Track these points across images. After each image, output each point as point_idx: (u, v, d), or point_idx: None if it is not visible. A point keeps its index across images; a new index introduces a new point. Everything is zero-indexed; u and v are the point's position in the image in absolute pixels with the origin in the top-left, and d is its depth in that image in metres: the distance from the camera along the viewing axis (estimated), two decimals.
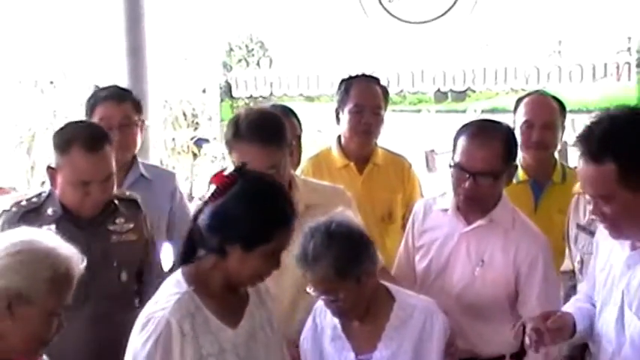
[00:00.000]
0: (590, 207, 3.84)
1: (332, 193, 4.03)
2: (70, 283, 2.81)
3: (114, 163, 3.85)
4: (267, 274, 3.01)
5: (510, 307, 3.87)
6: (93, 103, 4.75)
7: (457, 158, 3.79)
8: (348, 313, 3.34)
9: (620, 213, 2.89)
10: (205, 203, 2.95)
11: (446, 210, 3.93)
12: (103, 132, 3.94)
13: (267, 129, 3.77)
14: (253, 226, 2.90)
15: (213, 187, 2.98)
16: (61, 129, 3.98)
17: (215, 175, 3.02)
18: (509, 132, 3.90)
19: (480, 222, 3.84)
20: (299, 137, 4.66)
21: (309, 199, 3.84)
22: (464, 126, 3.89)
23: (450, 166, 3.82)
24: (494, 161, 3.73)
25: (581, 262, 4.07)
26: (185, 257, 3.03)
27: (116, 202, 3.90)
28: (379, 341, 3.38)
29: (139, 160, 4.83)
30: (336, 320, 3.42)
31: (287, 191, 3.20)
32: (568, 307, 3.45)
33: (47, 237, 2.88)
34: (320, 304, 3.44)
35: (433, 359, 3.40)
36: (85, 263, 2.86)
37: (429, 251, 3.94)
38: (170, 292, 2.95)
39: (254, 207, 2.94)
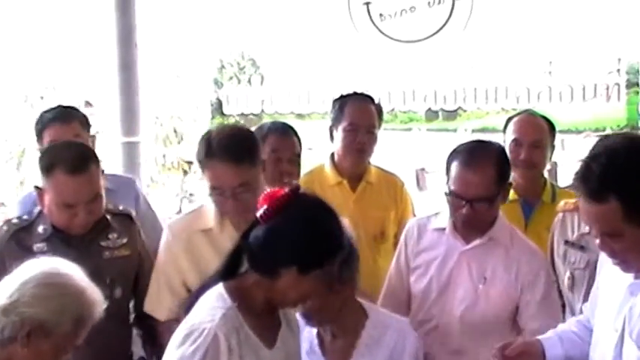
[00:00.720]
0: (577, 223, 3.96)
1: None
2: (88, 326, 2.86)
3: (101, 182, 3.86)
4: (311, 297, 2.96)
5: (512, 324, 3.91)
6: (40, 127, 4.75)
7: (452, 186, 3.82)
8: (315, 317, 3.33)
9: (630, 249, 2.84)
10: (256, 222, 2.89)
11: (443, 229, 3.96)
12: (88, 152, 3.95)
13: (238, 147, 3.76)
14: (314, 250, 2.85)
15: (264, 207, 2.90)
16: (46, 150, 4.03)
17: (268, 196, 2.94)
18: (501, 153, 3.95)
19: (479, 241, 3.88)
20: (299, 155, 4.66)
21: None
22: (455, 150, 3.92)
23: (446, 193, 3.85)
24: (489, 187, 3.78)
25: (572, 277, 4.12)
26: (228, 272, 2.98)
27: (108, 217, 3.90)
28: (351, 357, 3.40)
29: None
30: (314, 334, 3.44)
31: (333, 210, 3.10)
32: (555, 330, 3.50)
33: (79, 275, 2.91)
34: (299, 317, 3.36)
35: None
36: (105, 306, 2.90)
37: (428, 270, 3.95)
38: (213, 305, 2.91)
39: (317, 230, 2.90)
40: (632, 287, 2.95)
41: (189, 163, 11.22)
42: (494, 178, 3.79)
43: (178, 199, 9.89)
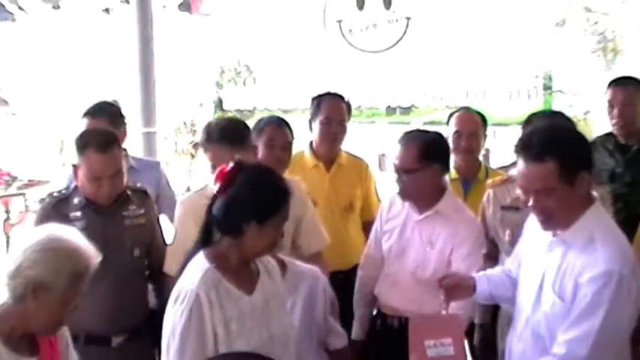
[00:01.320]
0: (508, 192, 3.96)
1: (293, 184, 4.01)
2: (86, 277, 2.82)
3: (122, 163, 3.89)
4: (277, 242, 3.05)
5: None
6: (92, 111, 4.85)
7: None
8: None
9: (557, 204, 2.88)
10: (215, 197, 2.98)
11: (399, 203, 4.04)
12: (112, 137, 3.97)
13: (232, 133, 3.90)
14: (264, 203, 2.93)
15: (218, 184, 2.99)
16: (80, 135, 4.00)
17: (218, 174, 3.02)
18: (431, 139, 3.94)
19: (427, 212, 3.92)
20: (290, 143, 4.71)
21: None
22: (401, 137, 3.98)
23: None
24: (411, 161, 3.82)
25: (512, 234, 4.05)
26: (204, 242, 3.04)
27: (129, 192, 3.96)
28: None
29: (130, 154, 4.84)
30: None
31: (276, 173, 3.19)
32: (485, 272, 3.55)
33: (73, 235, 2.87)
34: None
35: (319, 310, 3.47)
36: (100, 258, 2.86)
37: (392, 236, 4.01)
38: (195, 269, 2.97)
39: (262, 188, 2.98)
40: (551, 245, 3.00)
41: (196, 148, 11.23)
42: (417, 156, 3.81)
43: (188, 176, 9.92)
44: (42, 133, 12.91)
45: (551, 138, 2.92)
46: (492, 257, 4.19)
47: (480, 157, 4.94)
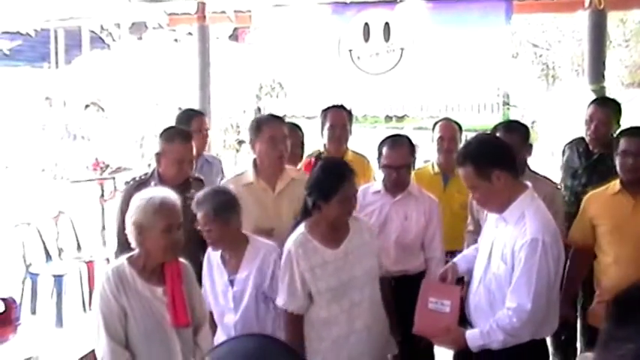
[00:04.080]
0: None
1: (304, 175, 4.00)
2: (167, 210, 2.87)
3: (194, 152, 3.92)
4: (348, 213, 3.23)
5: (421, 243, 3.97)
6: (183, 117, 4.88)
7: (384, 161, 3.89)
8: (214, 243, 3.37)
9: (484, 195, 3.01)
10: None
11: (378, 191, 3.98)
12: (189, 133, 4.01)
13: (280, 120, 3.99)
14: (323, 187, 3.16)
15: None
16: (166, 129, 4.02)
17: (306, 165, 3.51)
18: (409, 139, 4.02)
19: (401, 195, 3.94)
20: (302, 142, 4.64)
21: (295, 174, 3.90)
22: (382, 141, 3.99)
23: (385, 166, 3.91)
24: (405, 157, 3.91)
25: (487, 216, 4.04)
26: (303, 214, 3.28)
27: (190, 180, 3.82)
28: (240, 267, 3.39)
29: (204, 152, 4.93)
30: (219, 255, 3.45)
31: (345, 162, 3.39)
32: (462, 254, 3.54)
33: (159, 191, 2.98)
34: None
35: (269, 277, 3.36)
36: (179, 200, 2.97)
37: (372, 218, 3.89)
38: (295, 233, 3.28)
39: (321, 175, 3.21)
40: (497, 221, 3.07)
41: (240, 144, 11.14)
42: (408, 154, 3.91)
43: (233, 167, 9.85)
44: (127, 132, 12.97)
45: (467, 148, 3.08)
46: (477, 232, 4.02)
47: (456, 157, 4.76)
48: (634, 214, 3.52)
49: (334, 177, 3.17)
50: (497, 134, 3.91)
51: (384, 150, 3.89)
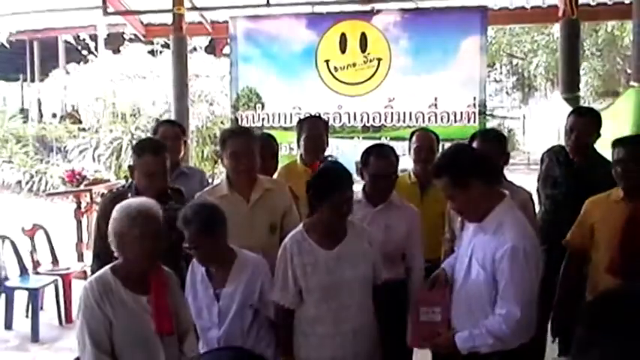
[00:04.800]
0: None
1: (280, 184, 4.09)
2: (143, 218, 2.87)
3: (168, 164, 3.82)
4: (339, 218, 3.26)
5: (403, 249, 3.92)
6: (156, 128, 4.93)
7: (372, 170, 3.82)
8: (205, 260, 3.34)
9: (461, 205, 3.07)
10: None
11: (359, 200, 3.83)
12: (161, 145, 3.91)
13: (244, 134, 3.90)
14: (316, 192, 3.23)
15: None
16: (138, 142, 4.01)
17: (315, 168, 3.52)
18: (394, 148, 3.98)
19: (383, 205, 3.89)
20: (276, 153, 4.64)
21: (269, 185, 3.90)
22: (367, 151, 3.93)
23: (371, 175, 3.83)
24: (393, 167, 3.86)
25: (461, 222, 3.94)
26: (308, 215, 3.35)
27: (169, 191, 3.81)
28: (227, 281, 3.36)
29: (182, 163, 4.92)
30: (203, 269, 3.41)
31: (344, 169, 3.35)
32: (447, 260, 3.52)
33: (138, 200, 3.01)
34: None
35: (257, 290, 3.36)
36: (159, 209, 3.00)
37: None
38: (294, 231, 3.36)
39: (315, 181, 3.27)
40: (475, 231, 3.11)
41: (218, 155, 11.13)
42: (395, 162, 3.88)
43: (212, 178, 9.78)
44: (105, 143, 12.89)
45: (443, 160, 3.14)
46: (453, 240, 4.08)
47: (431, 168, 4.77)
48: (633, 222, 3.54)
49: (327, 182, 3.23)
50: (474, 143, 3.94)
51: (371, 159, 3.83)
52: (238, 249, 3.44)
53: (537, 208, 4.35)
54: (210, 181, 6.66)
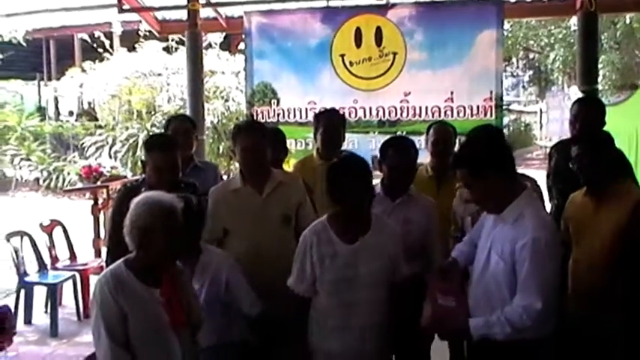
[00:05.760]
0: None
1: (294, 177, 4.16)
2: (173, 215, 2.86)
3: (179, 160, 3.86)
4: (358, 212, 3.29)
5: (422, 242, 3.90)
6: (166, 125, 4.98)
7: (391, 163, 3.80)
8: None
9: (480, 195, 3.07)
10: None
11: (377, 193, 3.80)
12: (171, 141, 3.98)
13: (253, 129, 3.95)
14: (337, 184, 3.25)
15: None
16: (149, 138, 4.08)
17: None
18: (413, 141, 4.02)
19: (401, 198, 3.89)
20: (284, 146, 4.78)
21: (282, 178, 3.96)
22: (387, 144, 3.93)
23: (390, 168, 3.81)
24: (412, 161, 3.87)
25: (472, 220, 4.01)
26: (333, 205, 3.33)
27: (182, 185, 3.83)
28: (194, 276, 3.38)
29: (195, 157, 4.94)
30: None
31: (364, 161, 3.36)
32: (458, 248, 3.58)
33: (166, 196, 2.96)
34: None
35: (223, 285, 3.40)
36: (182, 205, 2.96)
37: None
38: (315, 221, 3.41)
39: (338, 172, 3.30)
40: (495, 222, 3.11)
41: (234, 152, 11.12)
42: (414, 155, 3.88)
43: (225, 176, 9.82)
44: (121, 140, 12.94)
45: (462, 151, 3.24)
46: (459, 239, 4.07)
47: (451, 159, 4.75)
48: (594, 216, 3.60)
49: (351, 171, 3.25)
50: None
51: (390, 152, 3.83)
52: (204, 245, 3.47)
53: (548, 205, 4.33)
54: (225, 176, 6.71)
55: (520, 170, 4.01)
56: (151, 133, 10.63)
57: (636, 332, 3.39)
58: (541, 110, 25.32)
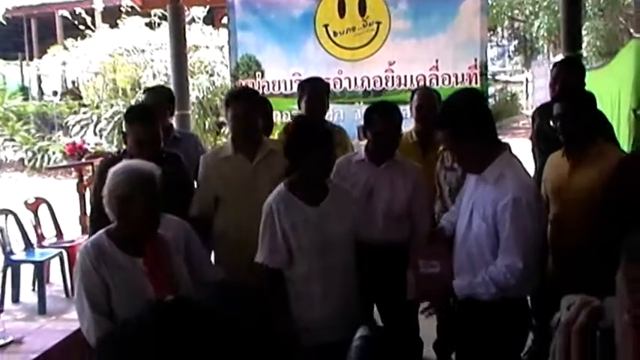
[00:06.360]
0: (449, 156, 3.97)
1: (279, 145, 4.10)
2: (150, 183, 2.84)
3: (160, 131, 3.89)
4: (326, 170, 3.33)
5: (409, 207, 3.90)
6: (144, 95, 5.12)
7: (376, 128, 3.80)
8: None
9: (461, 155, 3.11)
10: None
11: (362, 160, 3.90)
12: (150, 113, 3.97)
13: (246, 96, 4.01)
14: (292, 149, 3.28)
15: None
16: (128, 110, 4.14)
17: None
18: (397, 106, 4.03)
19: (386, 163, 3.89)
20: (270, 116, 4.88)
21: (273, 146, 3.96)
22: (370, 110, 3.95)
23: (375, 134, 3.79)
24: (396, 127, 3.86)
25: (449, 189, 4.09)
26: (287, 173, 3.36)
27: (164, 155, 3.82)
28: None
29: (175, 128, 5.05)
30: None
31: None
32: (445, 217, 3.58)
33: (142, 164, 2.96)
34: None
35: (182, 250, 3.25)
36: (160, 171, 2.94)
37: (357, 188, 3.83)
38: (274, 192, 3.35)
39: (291, 138, 3.35)
40: (476, 183, 3.13)
41: (220, 126, 11.06)
42: (399, 120, 3.87)
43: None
44: (106, 117, 12.87)
45: (444, 114, 3.23)
46: (443, 201, 4.20)
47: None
48: (570, 176, 3.64)
49: (310, 133, 3.25)
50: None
51: (375, 117, 3.83)
52: (162, 213, 3.43)
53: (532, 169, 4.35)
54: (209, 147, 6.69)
55: (507, 140, 4.04)
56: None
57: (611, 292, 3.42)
58: (527, 80, 25.37)
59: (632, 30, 13.49)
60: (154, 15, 12.72)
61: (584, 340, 2.22)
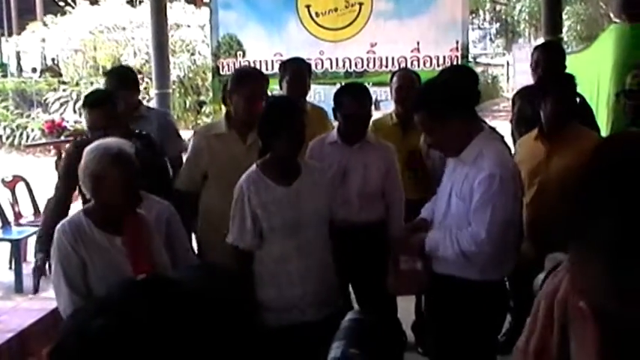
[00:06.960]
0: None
1: None
2: (124, 161, 2.81)
3: (114, 113, 3.77)
4: (298, 147, 3.29)
5: (382, 187, 3.94)
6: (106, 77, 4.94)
7: (347, 110, 3.82)
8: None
9: (439, 138, 3.07)
10: None
11: (335, 141, 3.91)
12: (105, 98, 3.86)
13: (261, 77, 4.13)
14: (264, 128, 3.26)
15: None
16: (86, 96, 4.09)
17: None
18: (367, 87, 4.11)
19: (359, 144, 3.90)
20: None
21: None
22: (341, 91, 3.98)
23: (346, 116, 3.79)
24: (368, 107, 3.93)
25: (432, 165, 4.12)
26: (260, 155, 3.34)
27: (133, 137, 3.74)
28: None
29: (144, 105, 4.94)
30: None
31: (290, 99, 3.55)
32: (427, 207, 3.48)
33: (116, 142, 2.91)
34: None
35: (163, 232, 3.19)
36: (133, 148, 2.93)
37: (331, 168, 3.79)
38: (246, 172, 3.30)
39: (271, 110, 3.32)
40: (455, 165, 3.13)
41: (201, 105, 10.97)
42: (369, 101, 3.92)
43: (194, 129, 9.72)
44: (84, 93, 12.73)
45: (420, 96, 3.20)
46: None
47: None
48: (546, 160, 3.68)
49: (281, 112, 3.22)
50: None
51: (344, 99, 3.84)
52: (145, 194, 3.31)
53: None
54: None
55: (488, 122, 4.05)
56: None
57: None
58: (508, 63, 25.45)
59: (612, 15, 13.55)
60: None
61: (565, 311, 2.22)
